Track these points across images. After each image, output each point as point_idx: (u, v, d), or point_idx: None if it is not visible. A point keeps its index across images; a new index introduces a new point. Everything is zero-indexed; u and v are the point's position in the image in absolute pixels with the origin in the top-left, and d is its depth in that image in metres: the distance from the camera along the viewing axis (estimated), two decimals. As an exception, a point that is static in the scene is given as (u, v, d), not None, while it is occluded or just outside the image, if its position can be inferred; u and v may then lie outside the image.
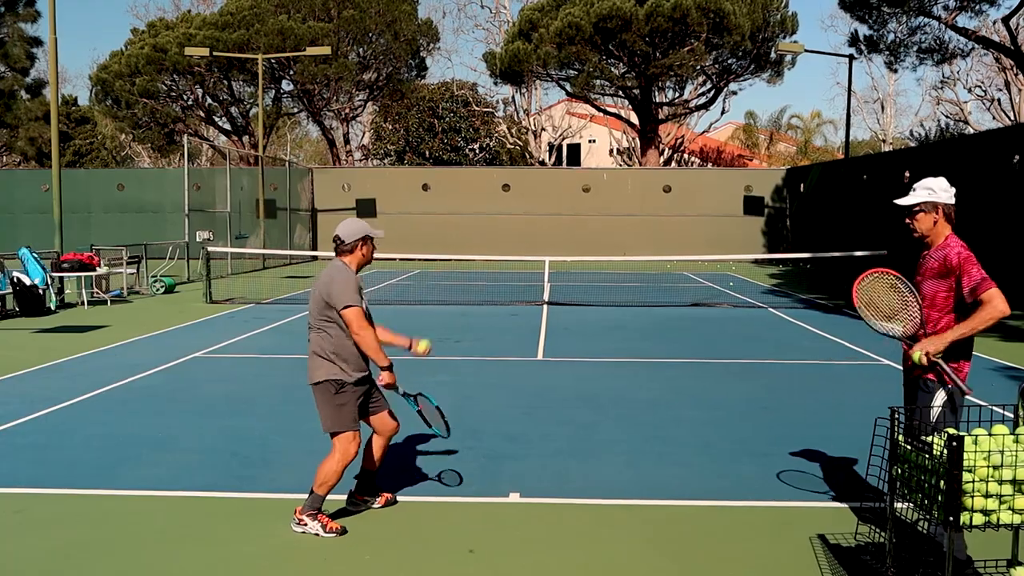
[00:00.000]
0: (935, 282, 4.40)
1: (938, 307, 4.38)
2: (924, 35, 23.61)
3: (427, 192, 33.12)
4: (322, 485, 4.93)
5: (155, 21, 40.71)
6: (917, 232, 4.49)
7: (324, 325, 4.97)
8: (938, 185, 4.45)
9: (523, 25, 34.81)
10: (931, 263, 4.44)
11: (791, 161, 48.01)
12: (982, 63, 42.62)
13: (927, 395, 4.35)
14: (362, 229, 5.04)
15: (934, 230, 4.44)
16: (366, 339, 4.92)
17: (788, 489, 5.75)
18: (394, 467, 6.11)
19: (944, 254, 4.36)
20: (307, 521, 4.92)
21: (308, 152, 65.19)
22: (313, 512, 4.93)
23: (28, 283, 14.93)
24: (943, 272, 4.35)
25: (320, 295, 4.94)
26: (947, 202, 4.41)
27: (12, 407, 7.99)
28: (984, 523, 3.58)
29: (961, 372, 4.34)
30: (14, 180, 35.20)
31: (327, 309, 4.92)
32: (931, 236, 4.46)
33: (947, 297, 4.35)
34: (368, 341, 4.93)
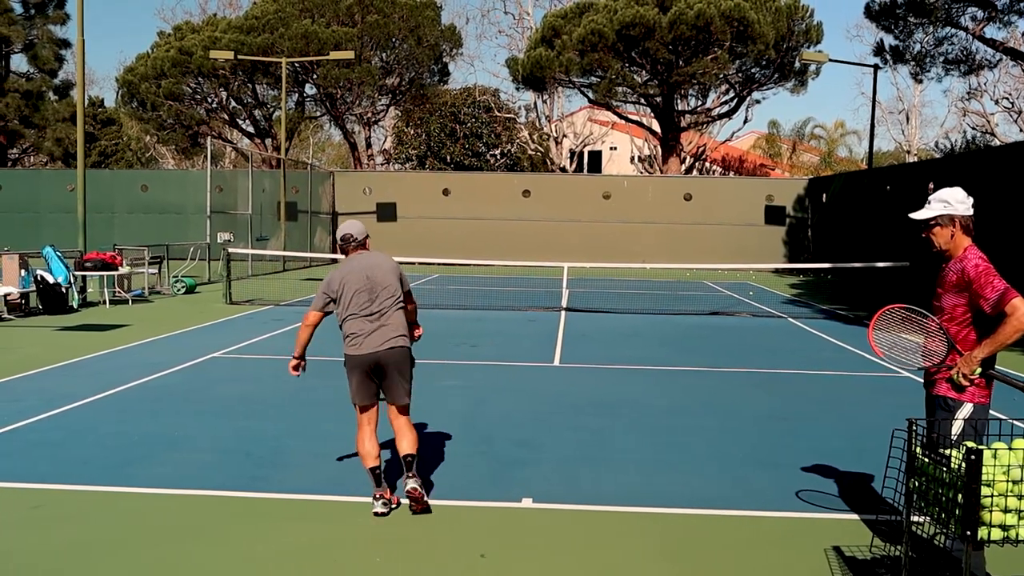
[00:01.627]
0: (954, 296, 4.32)
1: (957, 321, 4.31)
2: (951, 46, 23.42)
3: (447, 197, 33.17)
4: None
5: (181, 24, 41.13)
6: (935, 247, 4.42)
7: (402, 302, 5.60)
8: (954, 197, 4.36)
9: (546, 32, 34.82)
10: (950, 276, 4.35)
11: (814, 171, 47.70)
12: (1010, 75, 42.21)
13: (947, 413, 4.25)
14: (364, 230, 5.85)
15: (952, 243, 4.36)
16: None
17: (803, 500, 5.69)
18: (401, 469, 6.09)
19: (962, 267, 4.28)
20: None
21: (330, 156, 65.53)
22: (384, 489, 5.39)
23: (51, 281, 15.08)
24: (961, 285, 4.27)
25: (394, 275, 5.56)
26: (964, 214, 4.33)
27: (31, 404, 8.06)
28: (1003, 539, 3.53)
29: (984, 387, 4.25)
30: (40, 180, 35.60)
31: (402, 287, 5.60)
32: (950, 249, 4.38)
33: (966, 311, 4.28)
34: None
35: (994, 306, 4.12)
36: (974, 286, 4.20)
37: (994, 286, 4.14)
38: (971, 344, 4.23)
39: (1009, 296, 4.09)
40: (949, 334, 4.27)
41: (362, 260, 5.55)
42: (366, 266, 5.49)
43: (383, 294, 5.43)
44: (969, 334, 4.26)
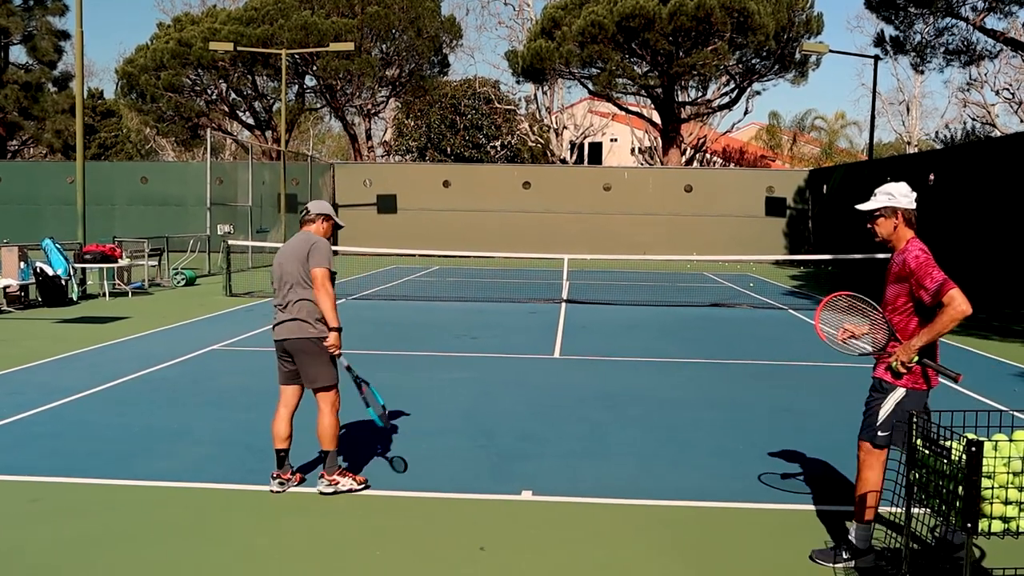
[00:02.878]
0: (896, 286, 4.44)
1: (899, 311, 4.43)
2: (951, 36, 23.36)
3: (448, 189, 33.14)
4: (332, 440, 5.43)
5: (181, 16, 41.05)
6: (878, 237, 4.57)
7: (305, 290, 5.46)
8: (898, 190, 4.50)
9: (546, 23, 34.74)
10: (893, 267, 4.47)
11: (814, 163, 47.64)
12: (1010, 65, 42.11)
13: (881, 395, 4.46)
14: (324, 208, 5.68)
15: (895, 234, 4.50)
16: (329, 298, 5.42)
17: (804, 492, 5.69)
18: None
19: (903, 258, 4.39)
20: (338, 479, 5.42)
21: (330, 147, 65.46)
22: (341, 469, 5.47)
23: (51, 273, 15.07)
24: (903, 276, 4.38)
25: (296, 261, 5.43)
26: (907, 207, 4.46)
27: (30, 396, 8.05)
28: (1003, 531, 3.52)
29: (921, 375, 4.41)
30: (40, 172, 35.55)
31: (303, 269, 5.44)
32: (893, 240, 4.51)
33: (907, 300, 4.38)
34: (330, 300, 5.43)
35: (933, 296, 4.23)
36: (914, 277, 4.30)
37: (933, 277, 4.24)
38: (912, 333, 4.36)
39: (947, 287, 4.19)
40: (891, 323, 4.40)
41: (288, 243, 5.61)
42: (282, 250, 5.58)
43: (285, 281, 5.49)
44: (910, 323, 4.39)
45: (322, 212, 5.62)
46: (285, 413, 5.61)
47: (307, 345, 5.39)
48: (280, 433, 5.55)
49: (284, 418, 5.59)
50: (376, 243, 27.68)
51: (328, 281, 5.36)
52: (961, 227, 20.53)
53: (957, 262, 20.63)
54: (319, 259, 5.36)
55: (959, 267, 20.45)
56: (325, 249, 5.43)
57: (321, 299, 5.35)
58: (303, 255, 5.39)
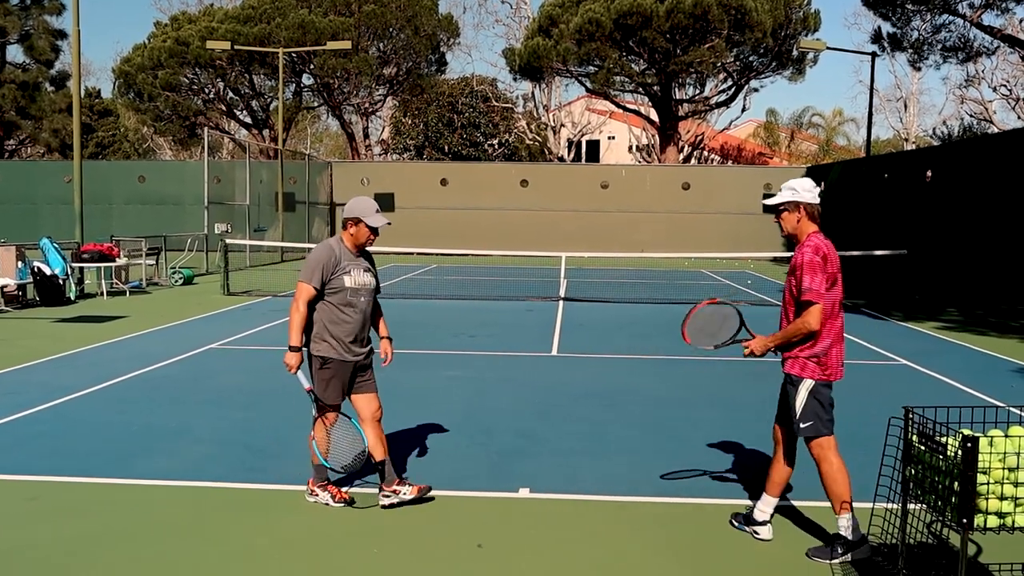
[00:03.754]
0: (790, 277, 4.61)
1: (789, 301, 4.62)
2: (948, 33, 23.37)
3: (445, 187, 33.13)
4: (312, 454, 5.17)
5: (178, 15, 40.99)
6: (784, 231, 4.71)
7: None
8: (801, 185, 4.64)
9: (543, 21, 34.71)
10: (792, 259, 4.63)
11: (812, 160, 47.64)
12: (1007, 62, 42.10)
13: (793, 389, 4.60)
14: (354, 210, 5.09)
15: (798, 228, 4.63)
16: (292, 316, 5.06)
17: (801, 488, 5.70)
18: (401, 459, 6.10)
19: (799, 251, 4.55)
20: (317, 492, 5.22)
21: (328, 146, 65.42)
22: (322, 483, 5.21)
23: (48, 273, 15.06)
24: (792, 268, 4.56)
25: None
26: (809, 201, 4.59)
27: (29, 395, 8.05)
28: (999, 526, 3.53)
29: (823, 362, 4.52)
30: (37, 171, 35.50)
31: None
32: (796, 234, 4.66)
33: (796, 293, 4.54)
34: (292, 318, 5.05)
35: (799, 296, 4.46)
36: (797, 272, 4.49)
37: (810, 280, 4.41)
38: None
39: (810, 296, 4.40)
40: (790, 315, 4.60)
41: None
42: None
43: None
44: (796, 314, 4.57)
45: (350, 216, 5.09)
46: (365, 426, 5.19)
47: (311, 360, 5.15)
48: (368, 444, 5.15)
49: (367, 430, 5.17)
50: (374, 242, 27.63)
51: (302, 296, 4.99)
52: (959, 224, 20.54)
53: (955, 259, 20.65)
54: (302, 270, 5.05)
55: (957, 264, 20.47)
56: (311, 259, 5.03)
57: (290, 312, 5.08)
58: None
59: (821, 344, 4.51)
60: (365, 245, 5.14)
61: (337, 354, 5.05)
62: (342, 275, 5.03)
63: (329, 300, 5.04)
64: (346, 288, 5.05)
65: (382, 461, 5.17)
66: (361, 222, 5.05)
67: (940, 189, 21.84)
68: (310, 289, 4.99)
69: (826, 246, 4.52)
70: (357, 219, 5.04)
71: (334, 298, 5.03)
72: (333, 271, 5.01)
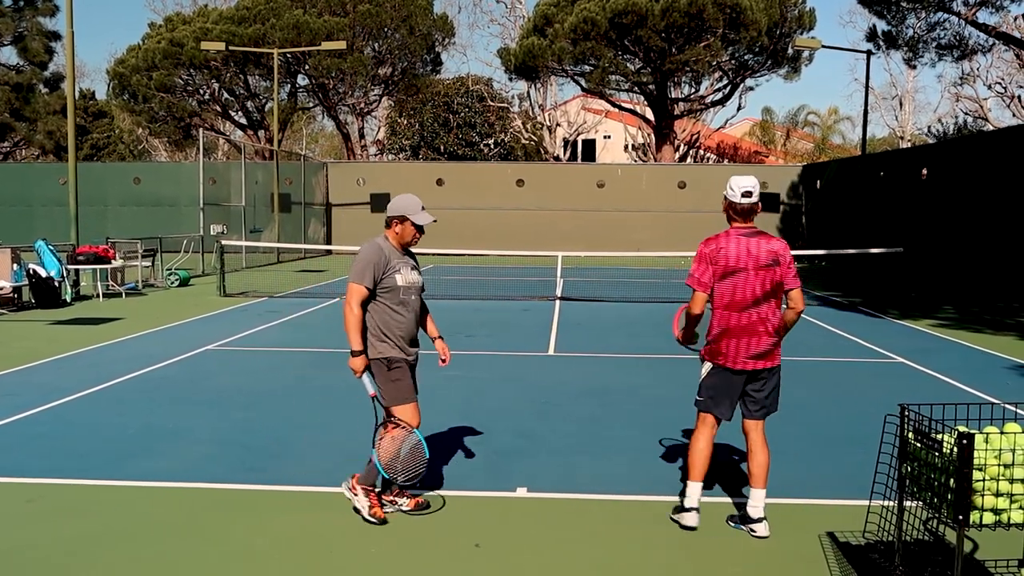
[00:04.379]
0: None
1: None
2: (943, 31, 23.43)
3: (441, 187, 33.11)
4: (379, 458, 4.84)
5: (172, 15, 40.92)
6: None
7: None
8: (730, 183, 4.92)
9: (538, 20, 34.70)
10: None
11: (808, 158, 47.70)
12: (1002, 60, 42.18)
13: (701, 366, 5.04)
14: (400, 208, 4.96)
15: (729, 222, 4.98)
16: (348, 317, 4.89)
17: (797, 486, 5.71)
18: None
19: None
20: (358, 492, 5.03)
21: (323, 147, 65.37)
22: (368, 488, 5.02)
23: (44, 275, 15.04)
24: None
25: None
26: (730, 199, 4.88)
27: (26, 398, 8.05)
28: (994, 522, 3.55)
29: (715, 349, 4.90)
30: (32, 173, 35.43)
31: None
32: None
33: None
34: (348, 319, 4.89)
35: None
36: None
37: (693, 267, 4.88)
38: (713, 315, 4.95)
39: (689, 283, 4.89)
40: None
41: None
42: None
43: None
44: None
45: (395, 214, 4.94)
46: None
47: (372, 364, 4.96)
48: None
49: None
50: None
51: (355, 297, 4.82)
52: (954, 221, 20.59)
53: (951, 256, 20.69)
54: (351, 272, 4.87)
55: (953, 261, 20.52)
56: (361, 259, 4.86)
57: (344, 315, 4.88)
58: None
59: (713, 333, 4.88)
60: (411, 244, 5.01)
61: (400, 353, 4.92)
62: (393, 274, 4.90)
63: (381, 300, 4.90)
64: (398, 287, 4.92)
65: None
66: (407, 220, 4.93)
67: (936, 187, 21.89)
68: (362, 289, 4.84)
69: (724, 241, 4.81)
70: (403, 217, 4.92)
71: (387, 298, 4.90)
72: (384, 270, 4.88)
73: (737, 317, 4.77)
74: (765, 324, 4.77)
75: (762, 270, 4.75)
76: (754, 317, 4.75)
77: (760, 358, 4.79)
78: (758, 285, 4.74)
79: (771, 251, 4.79)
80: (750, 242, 4.79)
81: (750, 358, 4.78)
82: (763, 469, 4.86)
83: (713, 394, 4.89)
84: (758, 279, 4.74)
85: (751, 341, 4.77)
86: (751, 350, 4.77)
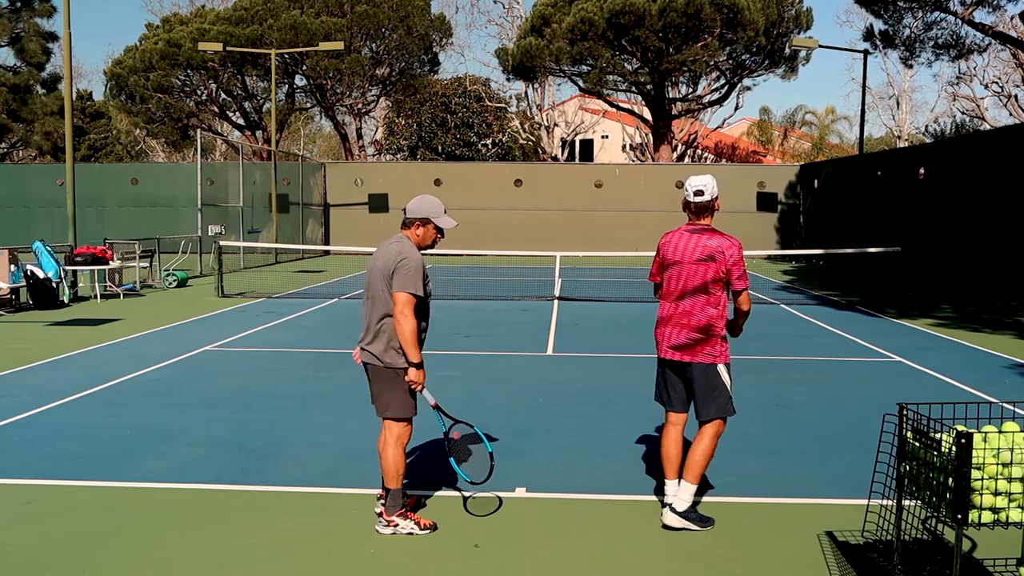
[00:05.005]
0: None
1: None
2: (940, 30, 23.43)
3: (439, 187, 33.10)
4: (395, 477, 4.75)
5: (169, 16, 40.87)
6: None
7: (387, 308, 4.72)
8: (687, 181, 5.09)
9: (535, 20, 34.70)
10: None
11: (805, 157, 47.74)
12: (999, 59, 42.24)
13: None
14: (423, 210, 4.80)
15: None
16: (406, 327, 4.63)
17: (796, 486, 5.71)
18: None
19: None
20: (398, 521, 4.77)
21: (321, 147, 65.34)
22: (402, 512, 4.79)
23: (41, 276, 15.02)
24: None
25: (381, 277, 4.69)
26: (684, 196, 5.06)
27: (23, 399, 8.03)
28: (993, 521, 3.55)
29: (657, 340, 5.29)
30: (29, 174, 35.39)
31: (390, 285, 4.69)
32: None
33: None
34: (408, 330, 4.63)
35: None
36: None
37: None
38: None
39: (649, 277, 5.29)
40: None
41: (380, 248, 4.81)
42: (373, 257, 4.81)
43: (370, 295, 4.79)
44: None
45: (418, 215, 4.75)
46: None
47: (386, 372, 4.71)
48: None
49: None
50: (368, 242, 27.60)
51: (409, 307, 4.57)
52: (952, 220, 20.61)
53: (948, 255, 20.71)
54: (403, 281, 4.57)
55: (950, 260, 20.54)
56: (413, 268, 4.59)
57: (399, 328, 4.58)
58: (389, 270, 4.63)
59: (656, 327, 5.17)
60: (431, 248, 4.87)
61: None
62: (427, 281, 4.76)
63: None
64: (430, 293, 4.82)
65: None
66: (430, 223, 4.78)
67: (933, 186, 21.90)
68: (414, 298, 4.61)
69: (673, 235, 5.07)
70: (426, 219, 4.76)
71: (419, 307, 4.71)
72: (426, 277, 4.72)
73: (668, 307, 5.06)
74: (688, 318, 4.94)
75: (694, 264, 4.90)
76: (679, 309, 4.98)
77: (679, 350, 4.97)
78: (687, 278, 4.93)
79: (707, 247, 4.88)
80: (691, 237, 4.97)
81: (671, 348, 5.02)
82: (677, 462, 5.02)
83: (658, 382, 5.25)
84: (688, 272, 4.92)
85: (672, 331, 5.01)
86: (671, 340, 5.02)
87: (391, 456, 4.77)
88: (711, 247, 4.87)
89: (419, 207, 4.78)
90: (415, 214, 4.77)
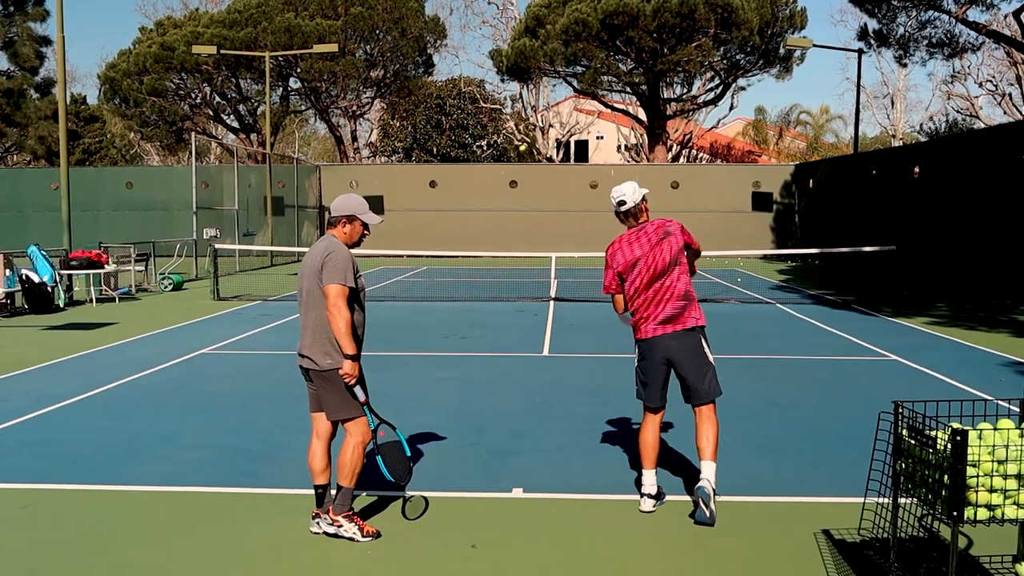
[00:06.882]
0: None
1: None
2: (934, 29, 23.49)
3: (434, 189, 33.11)
4: (350, 475, 4.72)
5: (163, 20, 40.81)
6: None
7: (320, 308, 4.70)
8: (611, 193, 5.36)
9: (530, 21, 34.72)
10: None
11: (801, 157, 47.82)
12: (993, 57, 42.37)
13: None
14: (348, 207, 4.81)
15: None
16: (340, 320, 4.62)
17: (792, 484, 5.72)
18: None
19: None
20: (342, 522, 4.72)
21: (316, 149, 65.30)
22: (349, 513, 4.75)
23: (37, 280, 14.99)
24: None
25: (312, 274, 4.70)
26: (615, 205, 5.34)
27: (19, 403, 8.02)
28: (989, 518, 3.55)
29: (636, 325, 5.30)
30: (24, 178, 35.33)
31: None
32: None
33: None
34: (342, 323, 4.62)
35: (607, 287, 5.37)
36: None
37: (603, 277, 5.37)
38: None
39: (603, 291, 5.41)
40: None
41: (309, 250, 4.85)
42: (304, 259, 4.82)
43: (303, 298, 4.76)
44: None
45: (343, 213, 4.77)
46: (318, 445, 4.87)
47: (327, 375, 4.69)
48: (315, 467, 4.85)
49: (316, 451, 4.86)
50: (364, 244, 27.61)
51: (341, 299, 4.56)
52: (947, 219, 20.65)
53: (943, 254, 20.75)
54: (331, 273, 4.59)
55: (945, 259, 20.58)
56: (342, 260, 4.62)
57: (332, 320, 4.57)
58: (317, 267, 4.65)
59: (633, 320, 5.23)
60: (358, 245, 4.88)
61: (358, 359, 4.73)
62: (358, 275, 4.76)
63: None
64: (362, 288, 4.82)
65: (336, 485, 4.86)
66: (356, 220, 4.80)
67: (928, 185, 21.95)
68: (346, 289, 4.61)
69: (617, 244, 5.27)
70: (352, 216, 4.79)
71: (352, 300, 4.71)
72: (356, 271, 4.72)
73: (643, 297, 5.15)
74: (670, 291, 5.13)
75: (655, 248, 5.16)
76: (660, 287, 5.12)
77: (668, 322, 5.10)
78: (655, 263, 5.13)
79: (657, 231, 5.20)
80: (638, 234, 5.24)
81: (659, 323, 5.11)
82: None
83: (638, 376, 5.26)
84: (653, 257, 5.14)
85: (657, 309, 5.13)
86: (658, 316, 5.12)
87: (350, 454, 4.75)
88: (660, 229, 5.21)
89: (343, 205, 4.82)
90: (340, 212, 4.80)
